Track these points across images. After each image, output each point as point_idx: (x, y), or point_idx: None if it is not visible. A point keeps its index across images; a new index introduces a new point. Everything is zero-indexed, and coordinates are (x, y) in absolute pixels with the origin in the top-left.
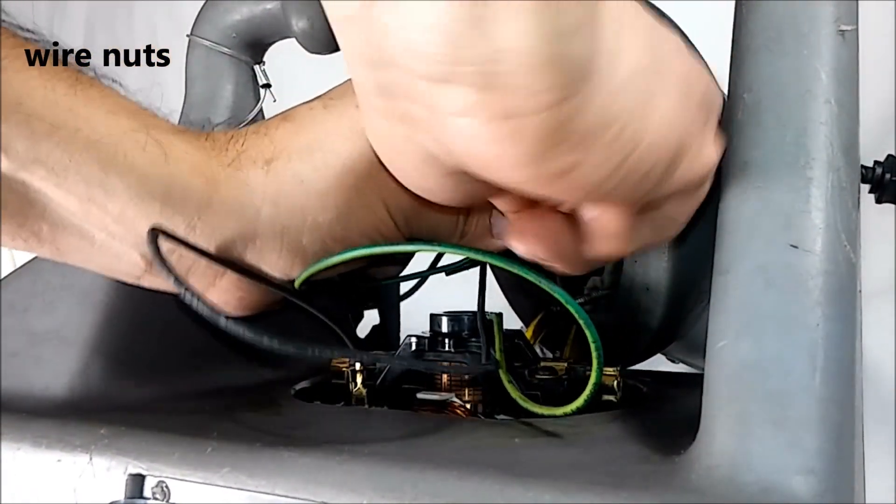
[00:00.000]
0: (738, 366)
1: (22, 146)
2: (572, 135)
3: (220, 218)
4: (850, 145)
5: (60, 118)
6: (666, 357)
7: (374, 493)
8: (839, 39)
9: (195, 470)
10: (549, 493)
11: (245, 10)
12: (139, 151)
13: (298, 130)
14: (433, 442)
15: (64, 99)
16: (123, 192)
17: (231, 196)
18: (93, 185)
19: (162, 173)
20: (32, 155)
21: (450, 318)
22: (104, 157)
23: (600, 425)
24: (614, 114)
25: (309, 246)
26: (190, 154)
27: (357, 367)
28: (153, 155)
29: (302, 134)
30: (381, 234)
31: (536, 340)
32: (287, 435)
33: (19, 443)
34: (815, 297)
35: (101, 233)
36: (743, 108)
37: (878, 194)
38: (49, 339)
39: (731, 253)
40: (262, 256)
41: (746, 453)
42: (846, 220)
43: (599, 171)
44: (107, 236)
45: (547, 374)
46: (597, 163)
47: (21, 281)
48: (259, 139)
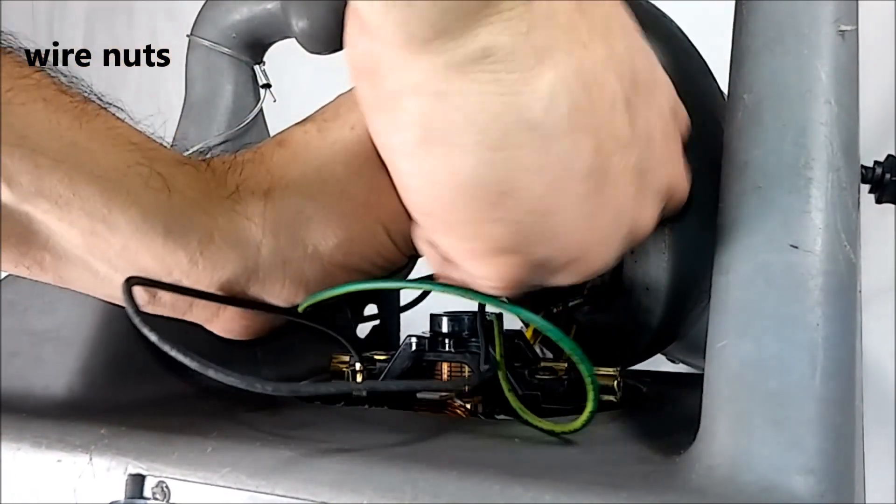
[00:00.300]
0: (738, 366)
1: (25, 179)
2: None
3: (221, 251)
4: (850, 145)
5: (64, 152)
6: (666, 357)
7: (374, 493)
8: (839, 39)
9: (195, 470)
10: (549, 493)
11: (245, 11)
12: (142, 186)
13: (294, 158)
14: (433, 442)
15: (68, 133)
16: (126, 226)
17: (232, 229)
18: (96, 219)
19: (164, 208)
20: (36, 188)
21: (450, 319)
22: (107, 192)
23: (600, 425)
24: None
25: (311, 274)
26: (192, 188)
27: (357, 367)
28: (156, 189)
29: (298, 162)
30: (383, 256)
31: (536, 341)
32: (287, 435)
33: (19, 443)
34: (815, 297)
35: (103, 265)
36: (743, 108)
37: (878, 194)
38: (49, 339)
39: (731, 253)
40: (265, 288)
41: (747, 453)
42: (846, 220)
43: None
44: (109, 269)
45: (547, 374)
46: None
47: (21, 281)
48: (256, 168)
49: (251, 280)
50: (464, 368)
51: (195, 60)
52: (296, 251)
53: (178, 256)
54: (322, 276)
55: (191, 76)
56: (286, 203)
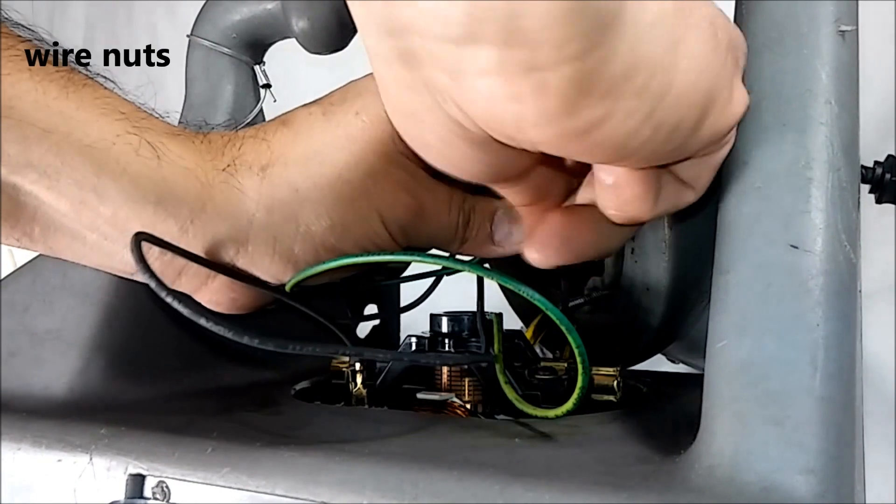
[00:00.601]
0: (738, 366)
1: (13, 150)
2: (598, 86)
3: (213, 222)
4: (850, 145)
5: (52, 122)
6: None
7: (374, 493)
8: (839, 39)
9: (195, 470)
10: (549, 493)
11: (245, 10)
12: (132, 155)
13: (296, 138)
14: (433, 442)
15: (55, 102)
16: (116, 195)
17: (225, 201)
18: (85, 188)
19: (155, 177)
20: (24, 159)
21: (450, 319)
22: (96, 161)
23: (600, 425)
24: (641, 61)
25: (301, 254)
26: (184, 157)
27: (357, 367)
28: (146, 158)
29: (299, 142)
30: (375, 244)
31: (536, 340)
32: (287, 435)
33: (19, 443)
34: (815, 297)
35: (92, 234)
36: None
37: (878, 194)
38: (49, 339)
39: (731, 253)
40: (253, 261)
41: (747, 453)
42: (846, 220)
43: (628, 124)
44: (98, 237)
45: (547, 374)
46: (625, 115)
47: (21, 281)
48: (256, 144)
49: (240, 252)
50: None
51: (195, 60)
52: (287, 228)
53: (168, 224)
54: (312, 258)
55: (191, 76)
56: (283, 180)
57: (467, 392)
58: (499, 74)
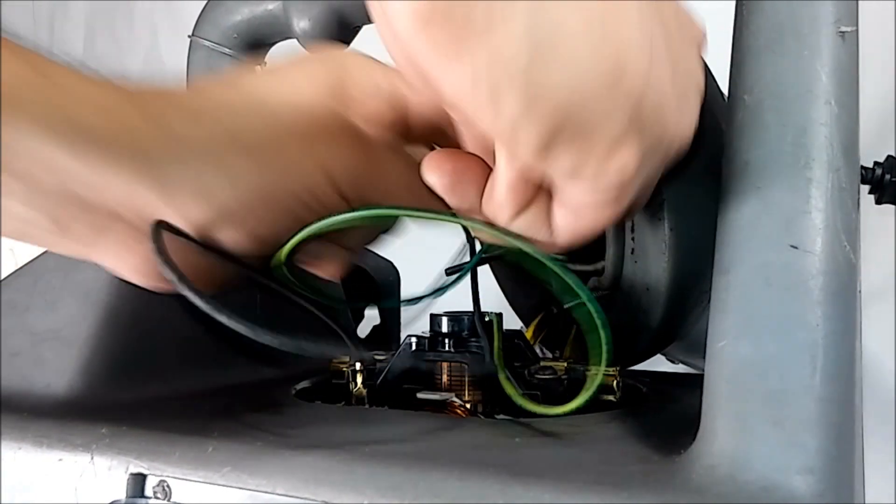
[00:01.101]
0: (738, 366)
1: None
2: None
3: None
4: (850, 146)
5: (22, 98)
6: (666, 357)
7: (374, 493)
8: (839, 40)
9: (196, 469)
10: (549, 493)
11: (246, 11)
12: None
13: (234, 86)
14: (433, 442)
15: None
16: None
17: (152, 143)
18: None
19: (58, 105)
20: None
21: (450, 319)
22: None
23: (600, 425)
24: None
25: (246, 213)
26: (95, 95)
27: (357, 366)
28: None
29: (238, 89)
30: (318, 199)
31: (536, 340)
32: (287, 434)
33: (20, 442)
34: (815, 297)
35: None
36: (743, 108)
37: (878, 195)
38: (50, 339)
39: (731, 253)
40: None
41: (747, 453)
42: (846, 221)
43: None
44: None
45: (547, 374)
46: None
47: (22, 281)
48: (191, 92)
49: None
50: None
51: (196, 61)
52: (220, 177)
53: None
54: (256, 218)
55: (191, 76)
56: (218, 125)
57: (467, 392)
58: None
